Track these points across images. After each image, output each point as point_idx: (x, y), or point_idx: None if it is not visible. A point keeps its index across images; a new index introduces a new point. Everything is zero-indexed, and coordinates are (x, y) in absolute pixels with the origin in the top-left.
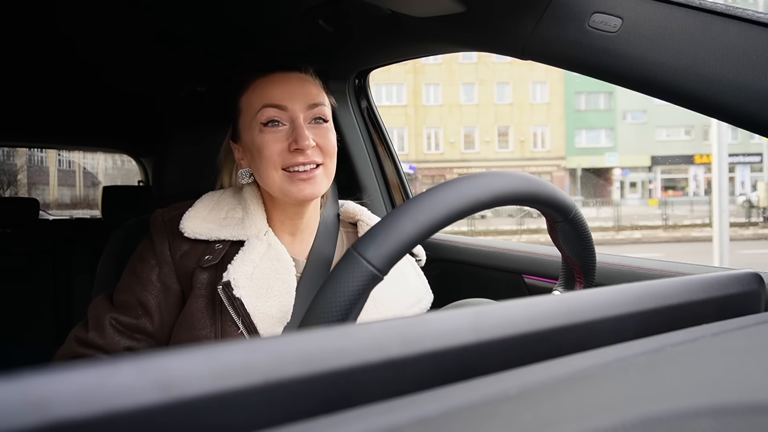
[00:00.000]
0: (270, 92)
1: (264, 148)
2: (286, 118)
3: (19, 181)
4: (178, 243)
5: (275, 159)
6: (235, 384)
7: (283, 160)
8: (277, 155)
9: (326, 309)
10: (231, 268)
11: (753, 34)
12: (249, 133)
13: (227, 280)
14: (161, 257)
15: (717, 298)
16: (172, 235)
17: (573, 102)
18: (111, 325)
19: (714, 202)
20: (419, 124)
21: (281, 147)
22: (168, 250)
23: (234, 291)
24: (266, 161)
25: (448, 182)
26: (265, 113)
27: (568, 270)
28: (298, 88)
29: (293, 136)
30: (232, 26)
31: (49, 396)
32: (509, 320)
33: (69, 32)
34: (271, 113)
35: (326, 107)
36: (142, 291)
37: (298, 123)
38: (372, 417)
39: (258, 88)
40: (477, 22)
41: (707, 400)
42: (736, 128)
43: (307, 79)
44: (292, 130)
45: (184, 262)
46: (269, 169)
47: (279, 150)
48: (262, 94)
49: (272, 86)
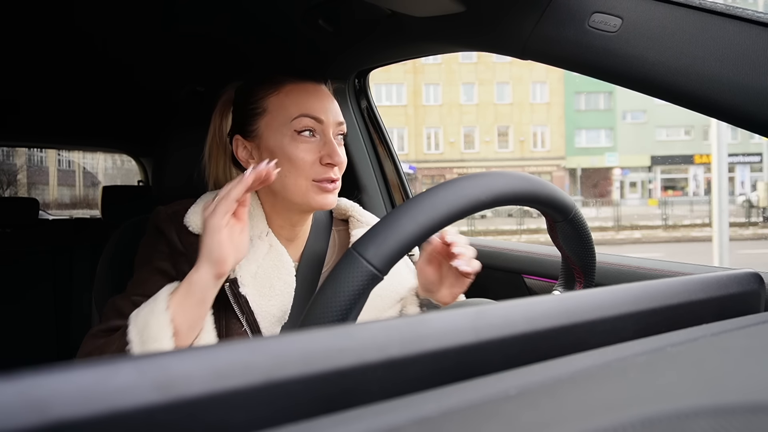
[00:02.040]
0: (309, 102)
1: (296, 156)
2: (320, 130)
3: (19, 181)
4: (185, 235)
5: (307, 169)
6: (235, 384)
7: (315, 172)
8: (309, 166)
9: (326, 309)
10: (237, 265)
11: (753, 34)
12: (276, 136)
13: (234, 277)
14: (174, 247)
15: (717, 298)
16: (179, 227)
17: (573, 102)
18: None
19: (714, 201)
20: (419, 124)
21: (313, 158)
22: (178, 240)
23: (240, 288)
24: (297, 170)
25: (448, 182)
26: (302, 122)
27: (568, 270)
28: (331, 104)
29: (326, 150)
30: (232, 26)
31: (49, 396)
32: (509, 320)
33: (69, 31)
34: (308, 123)
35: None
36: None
37: (329, 138)
38: (372, 417)
39: (293, 94)
40: (477, 22)
41: (707, 400)
42: (736, 128)
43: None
44: (324, 143)
45: (192, 254)
46: (299, 177)
47: (311, 161)
48: (299, 102)
49: (310, 96)
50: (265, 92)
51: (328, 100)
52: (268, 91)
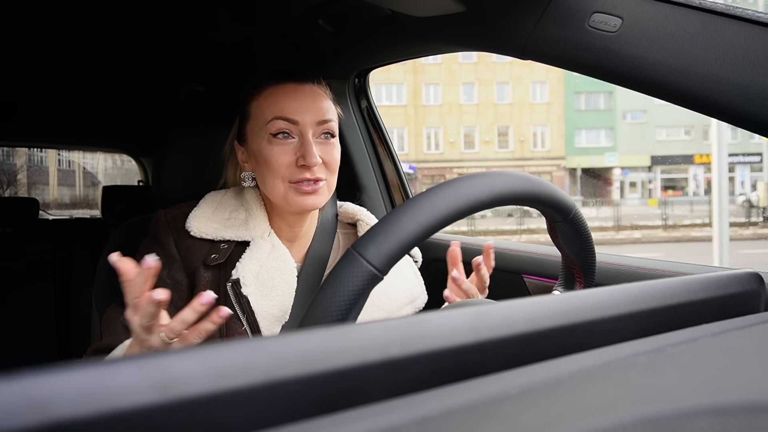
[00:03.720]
0: (282, 104)
1: (271, 159)
2: (296, 131)
3: (19, 181)
4: (183, 239)
5: (282, 171)
6: (235, 384)
7: (290, 173)
8: (285, 168)
9: (326, 309)
10: (240, 266)
11: (753, 34)
12: (256, 141)
13: (237, 277)
14: (169, 254)
15: (717, 298)
16: (177, 233)
17: (573, 102)
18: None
19: (714, 201)
20: (419, 124)
21: (289, 160)
22: (174, 246)
23: (242, 289)
24: (273, 172)
25: (448, 182)
26: (275, 125)
27: (568, 270)
28: (311, 103)
29: (301, 152)
30: (232, 26)
31: (49, 396)
32: (509, 320)
33: (69, 31)
34: (281, 125)
35: (334, 122)
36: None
37: (307, 139)
38: (372, 417)
39: (271, 97)
40: (477, 21)
41: (707, 400)
42: (736, 128)
43: (320, 92)
44: (301, 144)
45: (189, 257)
46: (275, 179)
47: (286, 163)
48: (274, 104)
49: (285, 97)
50: (249, 97)
51: (309, 99)
52: (251, 96)
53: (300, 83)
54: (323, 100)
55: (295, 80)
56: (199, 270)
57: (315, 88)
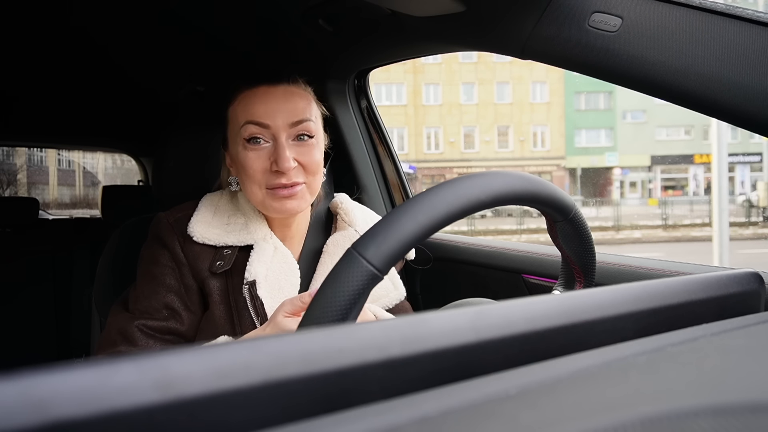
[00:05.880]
0: (253, 108)
1: (246, 165)
2: (269, 135)
3: (19, 181)
4: (189, 245)
5: (258, 177)
6: (235, 383)
7: (266, 179)
8: (260, 174)
9: (326, 308)
10: (250, 268)
11: (753, 33)
12: (234, 146)
13: (252, 279)
14: (177, 258)
15: (717, 298)
16: (182, 238)
17: (573, 102)
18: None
19: (714, 201)
20: (419, 124)
21: (263, 165)
22: (181, 251)
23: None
24: (250, 178)
25: (448, 182)
26: (247, 130)
27: (568, 270)
28: (283, 104)
29: (274, 157)
30: (232, 26)
31: (49, 396)
32: (509, 320)
33: (69, 30)
34: (252, 130)
35: (312, 122)
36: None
37: (279, 143)
38: (372, 417)
39: (243, 102)
40: (477, 21)
41: (707, 400)
42: (736, 128)
43: (295, 91)
44: (274, 149)
45: (197, 264)
46: (252, 185)
47: (261, 168)
48: (246, 109)
49: (256, 101)
50: (228, 102)
51: (281, 100)
52: (229, 101)
53: (272, 85)
54: (298, 99)
55: (267, 82)
56: (208, 279)
57: (290, 89)
